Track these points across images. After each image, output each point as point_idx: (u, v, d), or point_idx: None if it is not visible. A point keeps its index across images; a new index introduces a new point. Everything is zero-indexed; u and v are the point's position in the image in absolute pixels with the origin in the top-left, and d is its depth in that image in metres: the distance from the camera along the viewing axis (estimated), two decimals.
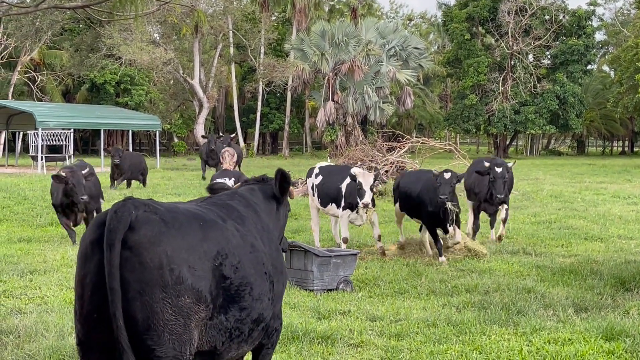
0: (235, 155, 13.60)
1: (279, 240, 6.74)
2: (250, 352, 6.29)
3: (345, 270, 12.37)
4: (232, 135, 38.21)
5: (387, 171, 26.42)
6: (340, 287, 12.22)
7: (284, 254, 7.09)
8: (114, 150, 30.02)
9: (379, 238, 15.24)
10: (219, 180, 12.81)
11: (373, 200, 14.82)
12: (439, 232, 14.93)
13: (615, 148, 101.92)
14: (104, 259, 4.95)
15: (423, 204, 14.93)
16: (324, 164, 16.67)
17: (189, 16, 51.86)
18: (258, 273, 5.60)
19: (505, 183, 15.80)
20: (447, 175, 14.21)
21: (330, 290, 12.12)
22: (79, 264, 5.15)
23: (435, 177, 14.38)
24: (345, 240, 14.88)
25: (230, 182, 12.65)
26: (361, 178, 14.18)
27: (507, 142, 74.37)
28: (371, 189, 14.26)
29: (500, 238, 16.80)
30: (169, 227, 5.15)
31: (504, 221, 16.78)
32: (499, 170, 15.62)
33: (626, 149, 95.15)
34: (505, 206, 16.58)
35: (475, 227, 16.94)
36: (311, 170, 16.46)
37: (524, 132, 70.83)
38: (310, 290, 12.03)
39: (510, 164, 16.22)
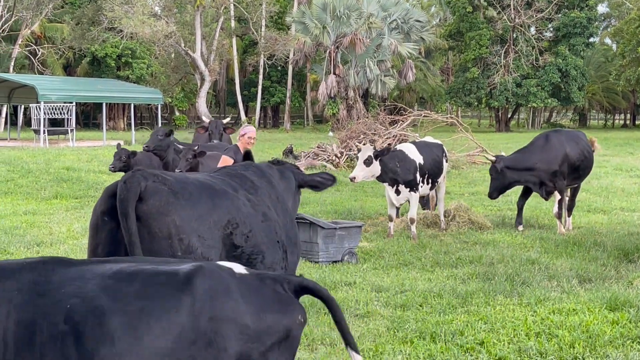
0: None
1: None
2: None
3: (350, 242, 12.44)
4: (224, 121, 20.72)
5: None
6: (345, 258, 12.29)
7: None
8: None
9: (412, 221, 14.35)
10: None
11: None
12: None
13: (617, 121, 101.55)
14: (115, 229, 4.98)
15: None
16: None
17: None
18: (270, 242, 5.61)
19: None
20: None
21: (335, 262, 12.19)
22: (90, 235, 5.18)
23: None
24: (390, 219, 14.56)
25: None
26: (360, 153, 14.00)
27: (509, 116, 74.17)
28: (365, 163, 13.68)
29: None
30: (177, 198, 5.16)
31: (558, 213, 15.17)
32: None
33: (628, 122, 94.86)
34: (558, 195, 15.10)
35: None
36: None
37: (526, 106, 70.59)
38: (316, 262, 12.11)
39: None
